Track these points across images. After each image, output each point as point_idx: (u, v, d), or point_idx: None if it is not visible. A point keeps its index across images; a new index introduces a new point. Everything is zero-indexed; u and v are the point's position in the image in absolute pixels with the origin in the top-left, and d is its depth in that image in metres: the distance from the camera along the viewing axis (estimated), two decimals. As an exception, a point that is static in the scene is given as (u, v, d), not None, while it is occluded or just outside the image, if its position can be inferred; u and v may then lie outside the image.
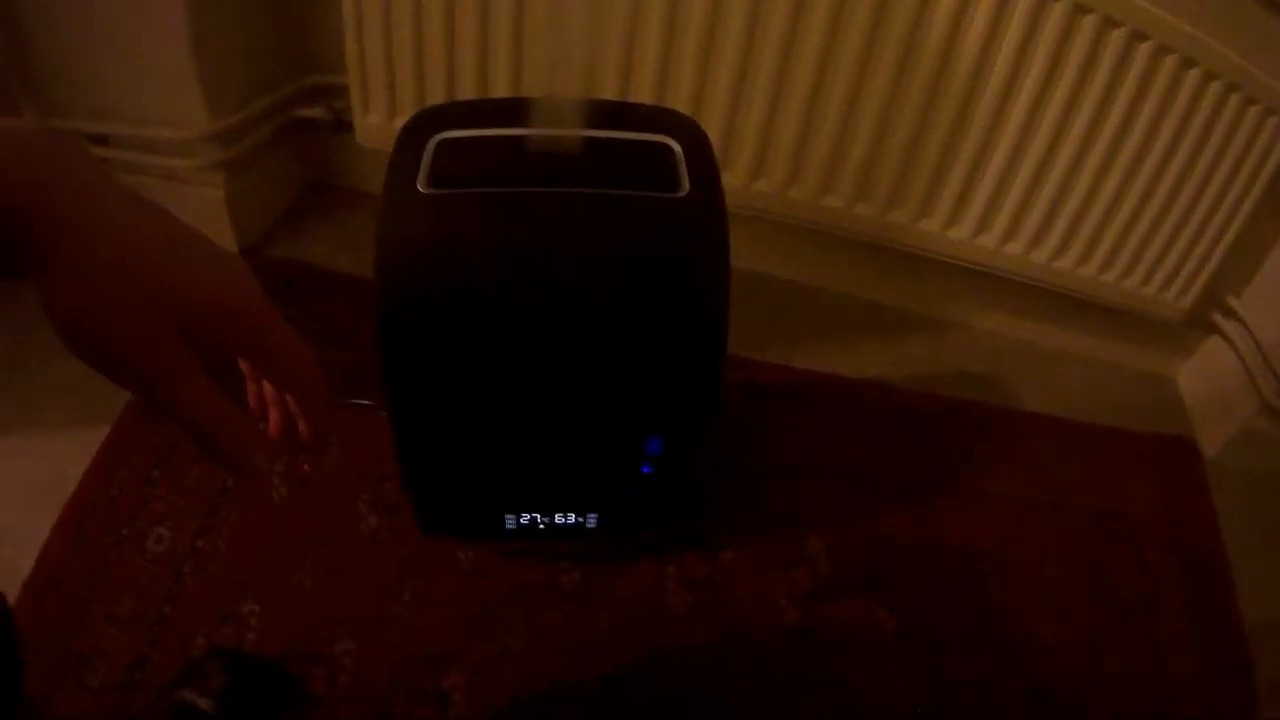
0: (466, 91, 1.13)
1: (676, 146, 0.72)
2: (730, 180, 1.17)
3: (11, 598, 0.85)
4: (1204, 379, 1.39)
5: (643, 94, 1.11)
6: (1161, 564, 1.13)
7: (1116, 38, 1.05)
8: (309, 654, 0.87)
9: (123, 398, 1.05)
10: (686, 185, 0.70)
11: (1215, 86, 1.08)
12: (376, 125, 1.17)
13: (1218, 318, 1.34)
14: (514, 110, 0.73)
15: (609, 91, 1.10)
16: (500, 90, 1.12)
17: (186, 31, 1.05)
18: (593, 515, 0.87)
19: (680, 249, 0.69)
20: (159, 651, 0.85)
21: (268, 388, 0.51)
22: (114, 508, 0.96)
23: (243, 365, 0.49)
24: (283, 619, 0.89)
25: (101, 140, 1.18)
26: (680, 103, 1.11)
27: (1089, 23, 1.03)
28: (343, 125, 1.25)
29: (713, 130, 1.10)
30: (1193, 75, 1.07)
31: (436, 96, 1.14)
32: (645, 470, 0.82)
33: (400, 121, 1.14)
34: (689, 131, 0.74)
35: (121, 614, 0.88)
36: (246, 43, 1.16)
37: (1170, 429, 1.32)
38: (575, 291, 0.68)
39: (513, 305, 0.68)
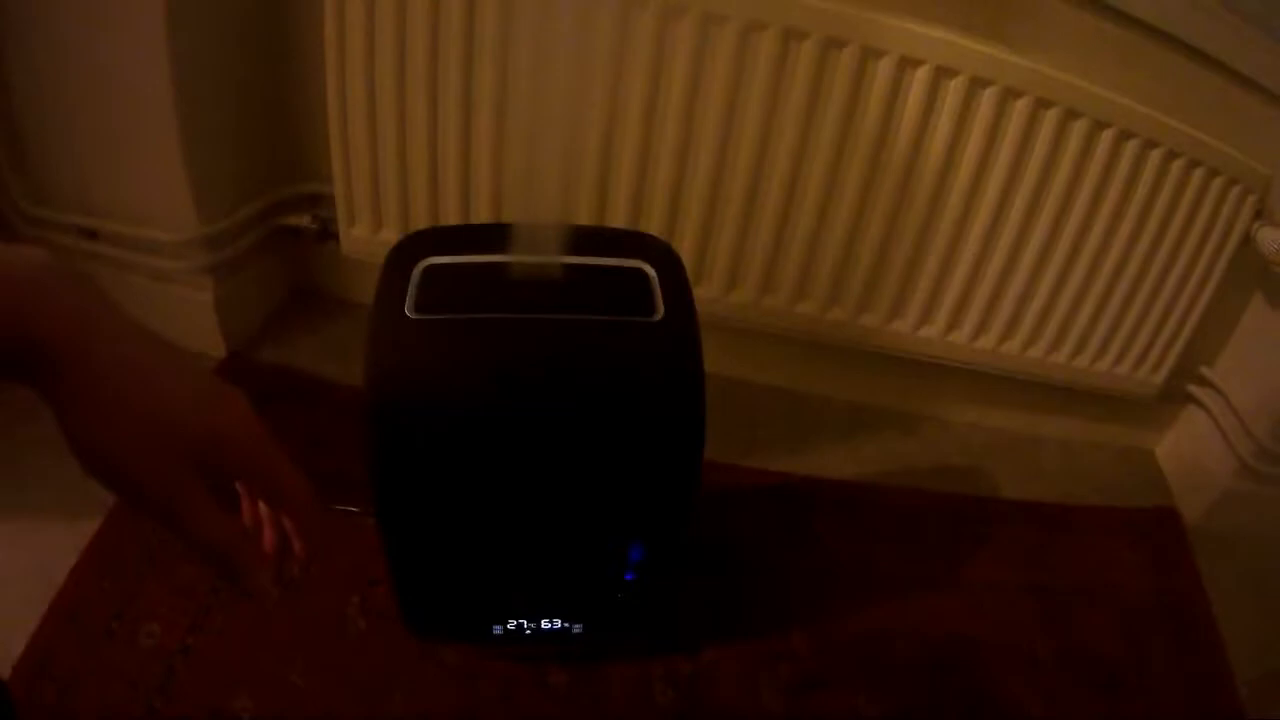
0: (449, 207, 1.16)
1: (651, 271, 0.75)
2: (706, 292, 1.20)
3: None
4: (1182, 448, 1.41)
5: (618, 208, 1.14)
6: (1150, 633, 1.14)
7: (1079, 128, 1.09)
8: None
9: (112, 497, 1.06)
10: (661, 309, 0.72)
11: (1178, 164, 1.12)
12: (361, 237, 1.20)
13: (1192, 388, 1.37)
14: (496, 236, 0.75)
15: (585, 208, 1.13)
16: (481, 205, 1.15)
17: (178, 135, 1.08)
18: (578, 622, 0.88)
19: (657, 371, 0.71)
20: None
21: (263, 507, 0.53)
22: (105, 600, 0.96)
23: (239, 485, 0.52)
24: (274, 715, 0.89)
25: (91, 235, 1.20)
26: (654, 218, 1.14)
27: (1051, 116, 1.07)
28: (328, 234, 1.28)
29: (687, 244, 1.15)
30: (1155, 155, 1.11)
31: (420, 210, 1.17)
32: (629, 578, 0.84)
33: (385, 234, 1.18)
34: (661, 254, 0.77)
35: (112, 705, 0.88)
36: (237, 149, 1.19)
37: (1152, 501, 1.34)
38: (558, 413, 0.70)
39: (498, 426, 0.70)
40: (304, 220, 1.29)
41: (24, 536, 1.01)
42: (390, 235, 1.19)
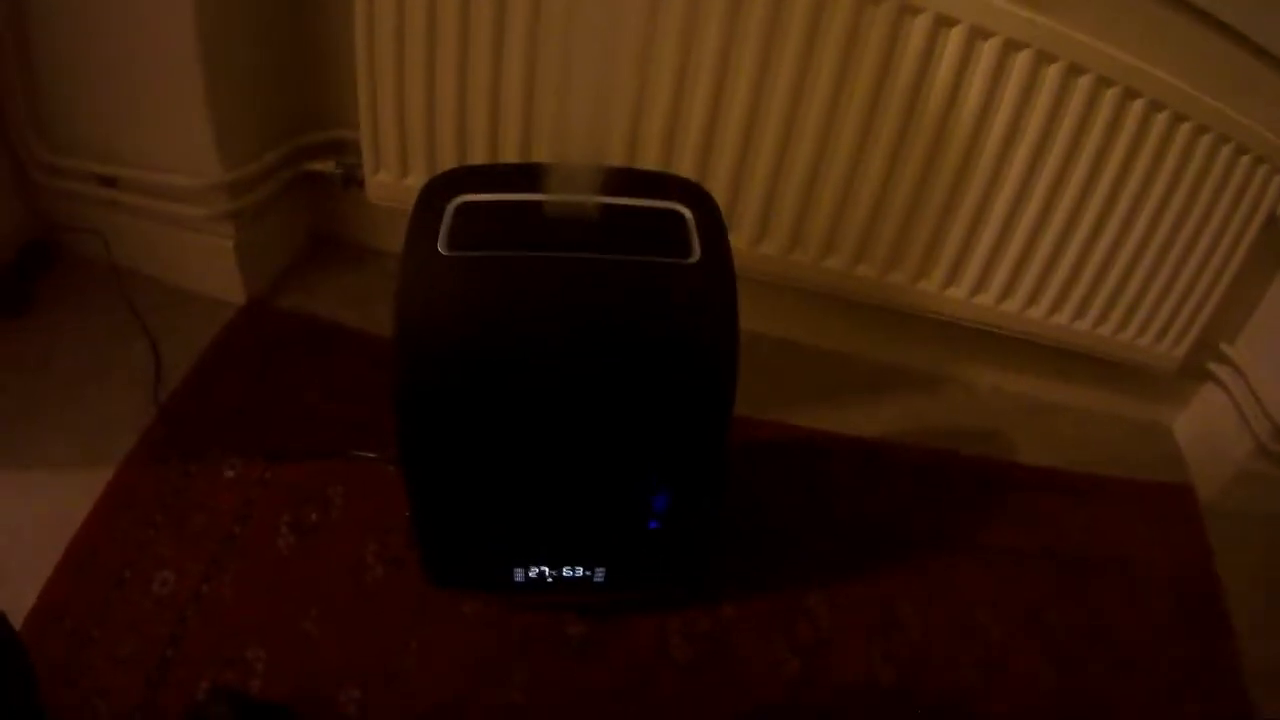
0: (477, 152, 1.15)
1: (688, 213, 0.74)
2: (735, 244, 1.16)
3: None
4: (1199, 425, 1.41)
5: (648, 159, 1.13)
6: (1161, 610, 1.14)
7: (1110, 96, 1.07)
8: (316, 700, 0.87)
9: (129, 440, 1.06)
10: (698, 251, 0.72)
11: (1207, 139, 1.11)
12: (387, 183, 1.19)
13: (1212, 365, 1.36)
14: (530, 175, 0.74)
15: (616, 156, 1.12)
16: (510, 152, 1.14)
17: (201, 80, 1.07)
18: (600, 570, 0.88)
19: (692, 314, 0.70)
20: (161, 694, 0.85)
21: None
22: (118, 549, 0.96)
23: None
24: (289, 665, 0.89)
25: (109, 182, 1.19)
26: (685, 168, 1.14)
27: (1084, 82, 1.06)
28: (353, 181, 1.27)
29: (717, 194, 1.13)
30: (1184, 129, 1.10)
31: (447, 157, 1.16)
32: (652, 526, 0.83)
33: (411, 181, 1.17)
34: (698, 198, 0.76)
35: (124, 654, 0.88)
36: (261, 94, 1.18)
37: (1168, 476, 1.34)
38: (591, 353, 0.70)
39: (530, 366, 0.69)
40: (328, 166, 1.28)
41: (37, 487, 1.01)
42: (416, 182, 1.18)
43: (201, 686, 0.86)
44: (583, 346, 0.69)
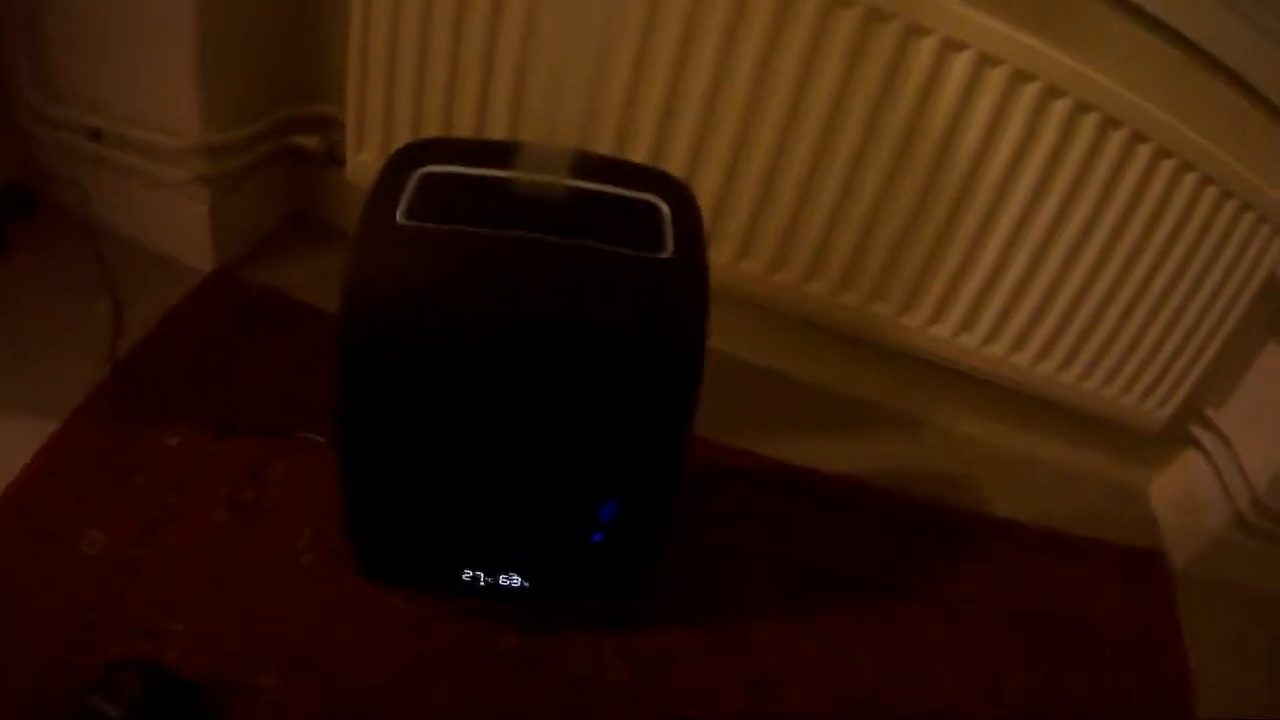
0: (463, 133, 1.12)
1: (664, 207, 0.71)
2: (717, 257, 1.14)
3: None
4: (1176, 490, 1.38)
5: (637, 156, 1.10)
6: (1125, 679, 1.11)
7: (1117, 139, 1.05)
8: (231, 682, 0.83)
9: (78, 395, 1.03)
10: (671, 247, 0.69)
11: (1212, 191, 1.09)
12: (368, 164, 1.16)
13: (1194, 429, 1.34)
14: (503, 152, 0.72)
15: (604, 148, 1.09)
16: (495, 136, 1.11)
17: (194, 39, 1.05)
18: (536, 578, 0.84)
19: (659, 311, 0.67)
20: (76, 655, 0.82)
21: None
22: (51, 503, 0.93)
23: None
24: (207, 642, 0.85)
25: (96, 136, 1.17)
26: (674, 169, 1.10)
27: (1090, 120, 1.04)
28: (335, 159, 1.25)
29: (703, 204, 1.12)
30: (1190, 179, 1.08)
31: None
32: (596, 538, 0.79)
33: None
34: (679, 193, 0.73)
35: (44, 609, 0.84)
36: (252, 61, 1.16)
37: (1140, 541, 1.31)
38: (548, 341, 0.66)
39: (481, 349, 0.66)
40: (312, 141, 1.26)
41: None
42: (397, 165, 1.16)
43: (117, 651, 0.82)
44: (539, 333, 0.66)
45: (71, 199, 1.23)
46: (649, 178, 0.75)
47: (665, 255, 0.68)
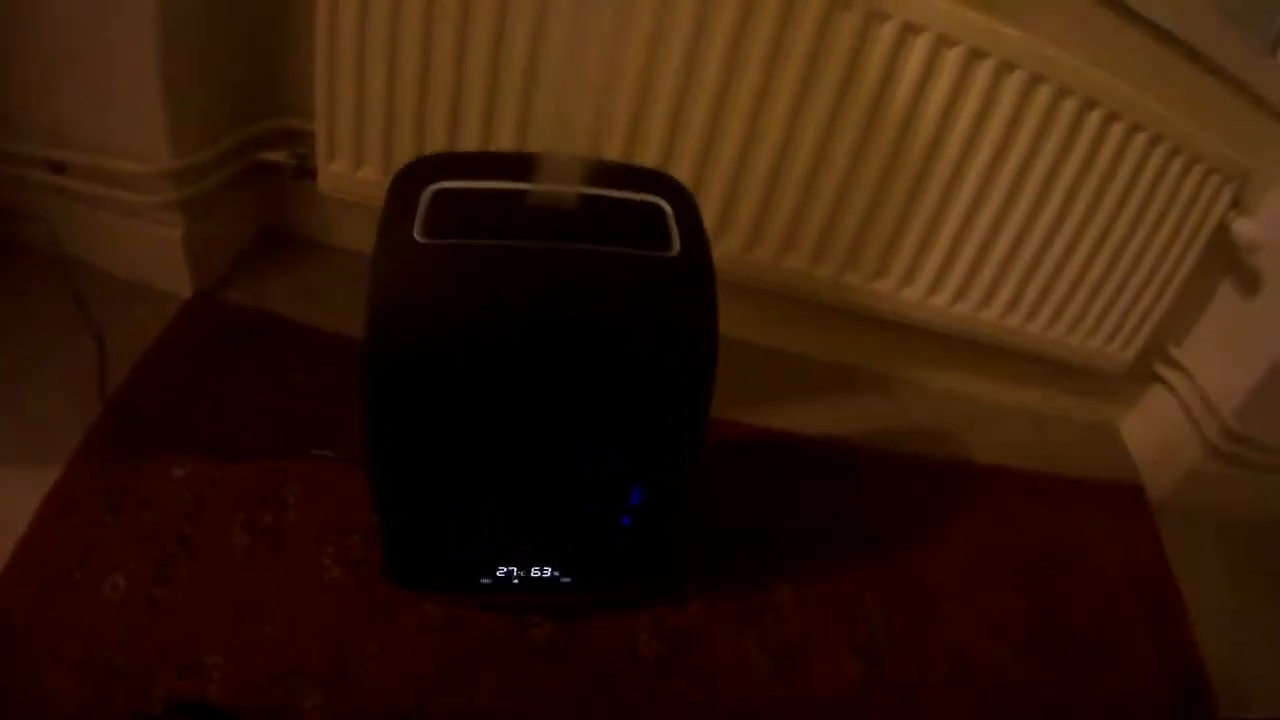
0: (436, 145, 1.13)
1: (667, 207, 0.73)
2: None
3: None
4: (1148, 426, 1.46)
5: (611, 149, 1.12)
6: (1119, 604, 1.18)
7: (1069, 106, 1.10)
8: (278, 708, 0.84)
9: (74, 437, 1.01)
10: (677, 245, 0.71)
11: (1161, 149, 1.15)
12: (341, 173, 1.16)
13: (1160, 367, 1.41)
14: (505, 163, 0.73)
15: (581, 146, 1.10)
16: (468, 143, 1.12)
17: (156, 63, 1.03)
18: (569, 569, 0.86)
19: (675, 307, 0.70)
20: (112, 700, 0.81)
21: None
22: (66, 550, 0.91)
23: None
24: (246, 671, 0.86)
25: (58, 169, 1.14)
26: (648, 158, 1.13)
27: (1044, 92, 1.09)
28: (305, 172, 1.23)
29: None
30: (1140, 139, 1.14)
31: (405, 148, 1.13)
32: (625, 523, 0.82)
33: (365, 173, 1.15)
34: (678, 193, 0.76)
35: (74, 660, 0.83)
36: (216, 80, 1.14)
37: (1118, 475, 1.38)
38: (572, 343, 0.69)
39: (509, 358, 0.68)
40: (281, 156, 1.24)
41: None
42: (370, 173, 1.16)
43: (156, 694, 0.82)
44: (564, 337, 0.68)
45: (38, 235, 1.20)
46: (648, 179, 0.77)
47: (673, 253, 0.71)
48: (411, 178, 0.71)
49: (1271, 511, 1.36)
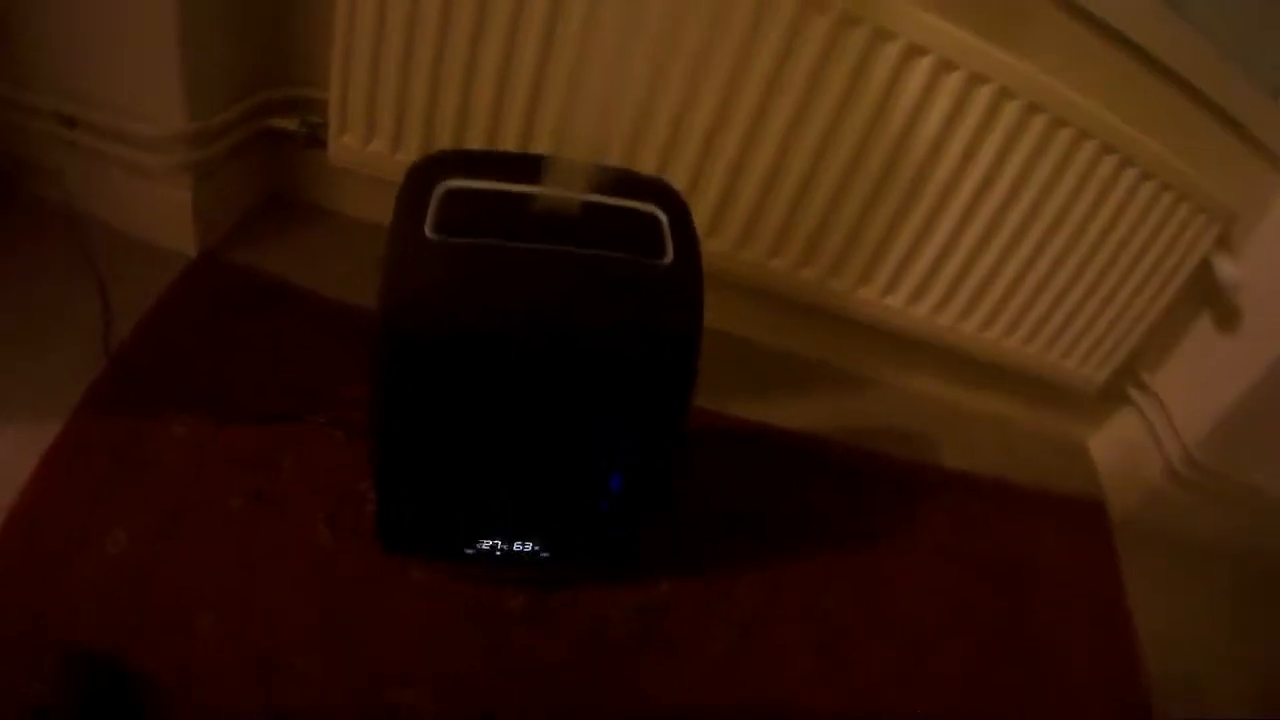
0: (446, 122, 1.15)
1: (663, 216, 0.77)
2: None
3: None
4: (1115, 446, 1.50)
5: (614, 153, 1.15)
6: (1068, 616, 1.22)
7: (1063, 135, 1.14)
8: (274, 666, 0.87)
9: (75, 392, 1.03)
10: (671, 254, 0.75)
11: (1151, 184, 1.19)
12: (351, 146, 1.18)
13: (1132, 390, 1.45)
14: (515, 164, 0.77)
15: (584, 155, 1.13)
16: (480, 123, 1.15)
17: (175, 25, 1.04)
18: (548, 546, 0.91)
19: (666, 311, 0.74)
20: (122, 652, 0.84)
21: None
22: (68, 506, 0.93)
23: None
24: (242, 631, 0.89)
25: (70, 123, 1.15)
26: (648, 154, 1.16)
27: (1040, 120, 1.12)
28: (315, 141, 1.25)
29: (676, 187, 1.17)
30: (1131, 173, 1.18)
31: (415, 124, 1.15)
32: (604, 507, 0.87)
33: (376, 146, 1.17)
34: (673, 202, 0.80)
35: (75, 615, 0.86)
36: (233, 46, 1.15)
37: (1080, 491, 1.43)
38: (570, 341, 0.73)
39: (510, 352, 0.72)
40: (292, 124, 1.26)
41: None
42: (381, 147, 1.18)
43: (151, 646, 0.85)
44: (563, 334, 0.73)
45: (49, 188, 1.21)
46: (648, 187, 0.81)
47: (667, 261, 0.75)
48: (424, 174, 0.75)
49: (1225, 538, 1.41)
